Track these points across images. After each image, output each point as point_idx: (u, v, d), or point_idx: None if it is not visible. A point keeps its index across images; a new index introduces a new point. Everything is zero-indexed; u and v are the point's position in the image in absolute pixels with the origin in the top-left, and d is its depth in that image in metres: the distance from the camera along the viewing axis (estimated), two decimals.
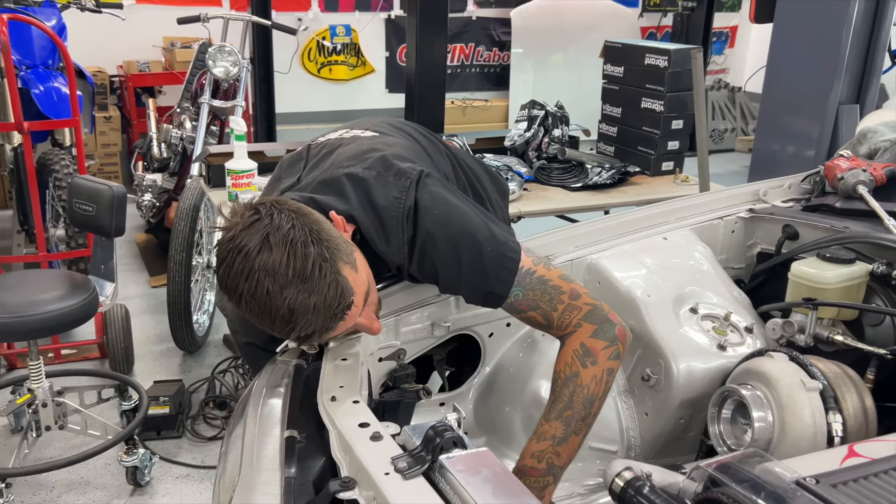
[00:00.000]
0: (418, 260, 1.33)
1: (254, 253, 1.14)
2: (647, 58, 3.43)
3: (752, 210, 1.80)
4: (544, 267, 1.36)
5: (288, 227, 1.16)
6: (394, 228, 1.32)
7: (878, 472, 0.95)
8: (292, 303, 1.14)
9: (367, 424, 1.11)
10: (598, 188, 3.25)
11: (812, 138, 2.94)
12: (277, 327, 1.18)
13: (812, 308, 1.40)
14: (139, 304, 3.92)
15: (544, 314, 1.33)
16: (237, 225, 1.17)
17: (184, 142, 4.11)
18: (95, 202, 2.52)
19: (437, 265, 1.32)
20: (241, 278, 1.15)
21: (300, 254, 1.15)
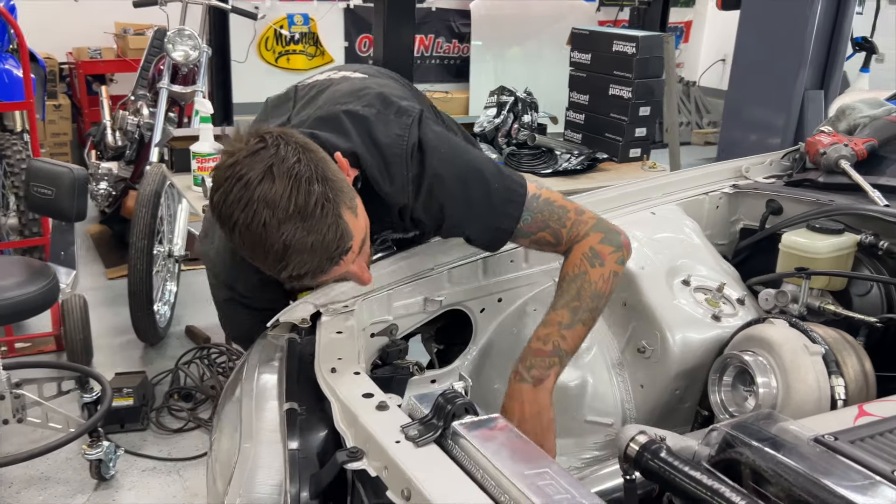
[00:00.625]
0: (424, 201, 1.30)
1: (255, 182, 1.08)
2: (614, 45, 3.45)
3: (735, 186, 1.81)
4: (548, 191, 1.38)
5: (294, 161, 1.10)
6: (398, 167, 1.28)
7: (893, 429, 0.95)
8: (289, 239, 1.09)
9: (370, 395, 1.07)
10: (567, 174, 3.26)
11: (778, 126, 2.99)
12: (269, 263, 1.13)
13: (805, 277, 1.41)
14: (96, 296, 3.78)
15: (554, 233, 1.35)
16: (240, 151, 1.11)
17: (141, 129, 3.99)
18: (55, 185, 2.42)
19: (445, 205, 1.30)
20: (238, 207, 1.09)
21: (304, 190, 1.09)
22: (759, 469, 0.89)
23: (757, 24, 2.97)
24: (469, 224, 1.34)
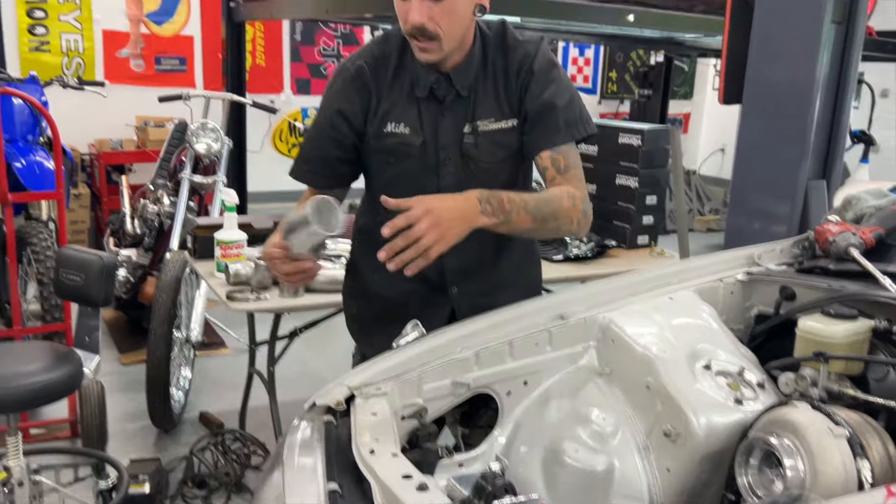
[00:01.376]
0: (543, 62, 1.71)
1: None
2: (620, 137, 3.59)
3: (749, 273, 1.87)
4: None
5: None
6: (533, 39, 1.75)
7: None
8: None
9: (410, 476, 1.10)
10: (578, 261, 3.33)
11: (783, 214, 3.06)
12: None
13: (823, 361, 1.45)
14: (111, 381, 3.79)
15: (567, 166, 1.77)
16: None
17: (161, 217, 4.10)
18: (84, 272, 2.49)
19: (555, 81, 1.71)
20: None
21: None
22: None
23: (758, 117, 3.09)
24: (544, 105, 1.70)
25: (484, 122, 1.72)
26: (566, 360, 1.64)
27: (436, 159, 1.74)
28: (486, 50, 1.72)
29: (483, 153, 1.74)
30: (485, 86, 1.71)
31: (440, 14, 1.56)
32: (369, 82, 1.70)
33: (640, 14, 4.62)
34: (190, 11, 5.93)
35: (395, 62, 1.71)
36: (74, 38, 5.55)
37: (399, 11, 1.61)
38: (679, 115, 8.69)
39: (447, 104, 1.73)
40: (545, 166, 1.76)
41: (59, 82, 3.88)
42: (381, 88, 1.71)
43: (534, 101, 1.72)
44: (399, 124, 1.71)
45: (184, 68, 6.00)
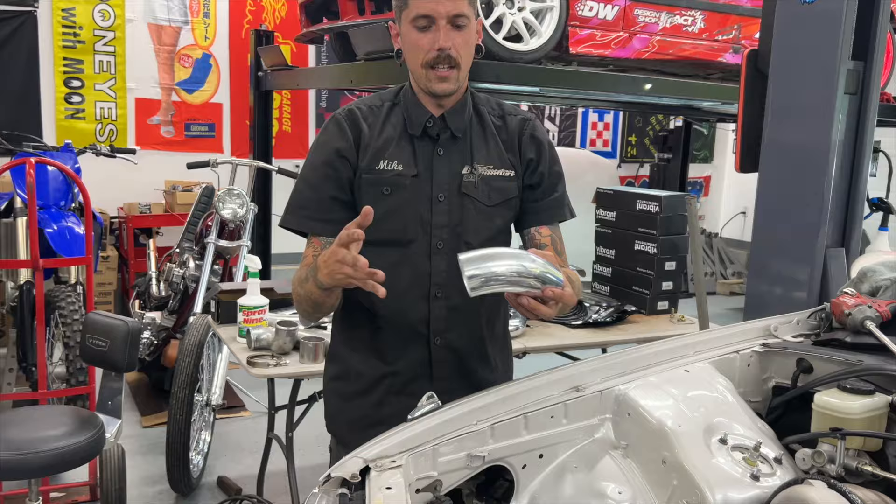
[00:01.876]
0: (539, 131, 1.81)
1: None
2: (638, 203, 3.63)
3: (765, 344, 1.87)
4: None
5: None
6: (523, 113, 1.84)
7: None
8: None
9: None
10: (597, 326, 3.33)
11: (803, 281, 3.06)
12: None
13: (840, 438, 1.44)
14: (131, 444, 3.82)
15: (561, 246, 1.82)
16: None
17: (186, 280, 4.18)
18: (110, 337, 2.54)
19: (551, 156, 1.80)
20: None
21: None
22: None
23: (775, 184, 3.13)
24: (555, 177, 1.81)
25: (483, 167, 1.76)
26: (582, 433, 1.64)
27: (430, 194, 1.74)
28: (477, 104, 1.79)
29: (481, 194, 1.76)
30: (481, 135, 1.77)
31: (460, 43, 1.64)
32: (360, 121, 1.73)
33: (657, 82, 4.72)
34: (220, 80, 6.14)
35: (388, 106, 1.76)
36: (108, 106, 5.76)
37: (420, 43, 1.65)
38: (699, 178, 8.74)
39: (441, 143, 1.74)
40: (544, 243, 1.80)
41: (92, 150, 4.02)
42: (373, 128, 1.74)
43: (547, 168, 1.80)
44: (392, 162, 1.72)
45: (212, 134, 6.18)
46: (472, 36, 1.67)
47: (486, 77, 4.08)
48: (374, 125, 1.75)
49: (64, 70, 5.58)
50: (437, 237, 1.74)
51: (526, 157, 1.79)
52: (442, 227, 1.74)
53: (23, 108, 5.47)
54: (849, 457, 1.48)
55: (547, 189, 1.81)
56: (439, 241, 1.75)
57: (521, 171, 1.80)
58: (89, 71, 5.66)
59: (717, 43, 5.09)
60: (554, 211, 1.82)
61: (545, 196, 1.81)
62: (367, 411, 1.82)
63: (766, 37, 3.18)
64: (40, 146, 3.77)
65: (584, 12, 4.48)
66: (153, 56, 5.87)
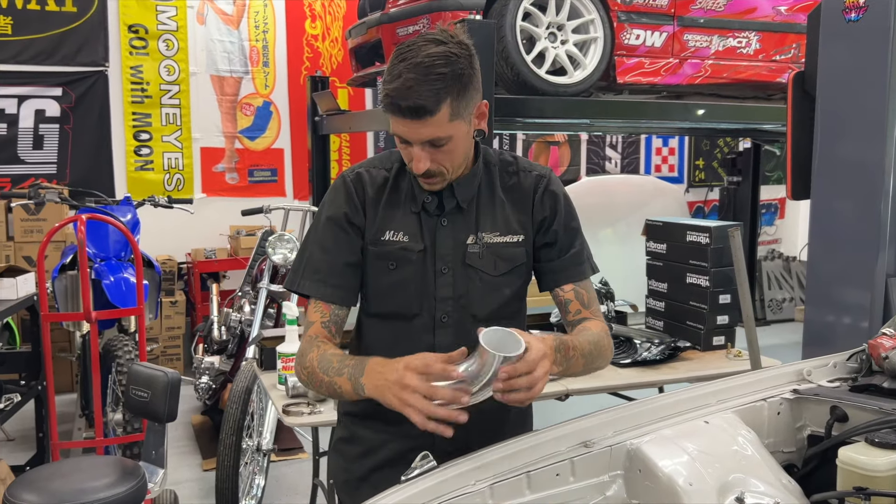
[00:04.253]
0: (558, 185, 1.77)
1: (436, 41, 1.51)
2: (688, 235, 3.51)
3: (796, 391, 1.76)
4: None
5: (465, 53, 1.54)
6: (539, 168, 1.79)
7: None
8: (439, 58, 1.48)
9: None
10: (647, 364, 3.22)
11: (864, 309, 2.89)
12: (410, 73, 1.48)
13: (865, 498, 1.33)
14: (190, 488, 3.91)
15: (590, 297, 1.77)
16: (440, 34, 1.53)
17: (242, 325, 4.27)
18: (151, 388, 2.61)
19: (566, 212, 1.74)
20: (416, 44, 1.51)
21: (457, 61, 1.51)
22: None
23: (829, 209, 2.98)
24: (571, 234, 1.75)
25: (489, 235, 1.71)
26: (593, 491, 1.57)
27: (434, 268, 1.69)
28: (489, 164, 1.73)
29: (487, 264, 1.70)
30: (489, 199, 1.71)
31: (443, 156, 1.57)
32: (367, 187, 1.69)
33: (711, 107, 4.59)
34: (280, 126, 6.32)
35: (396, 169, 1.70)
36: (175, 157, 6.00)
37: (402, 153, 1.62)
38: (773, 200, 8.41)
39: (446, 214, 1.69)
40: (568, 299, 1.75)
41: (150, 202, 4.19)
42: (379, 194, 1.69)
43: (562, 225, 1.74)
44: (398, 233, 1.68)
45: (275, 179, 6.35)
46: (458, 144, 1.58)
47: (530, 112, 4.07)
48: (382, 191, 1.69)
49: (133, 124, 5.86)
50: (442, 310, 1.69)
51: (539, 217, 1.73)
52: (446, 300, 1.69)
53: (96, 163, 5.76)
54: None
55: (563, 247, 1.74)
56: (444, 314, 1.69)
57: (533, 232, 1.74)
58: (157, 124, 5.92)
59: (775, 63, 4.91)
60: (572, 270, 1.75)
61: (562, 255, 1.74)
62: (365, 473, 1.79)
63: (812, 58, 3.05)
64: (101, 200, 3.95)
65: (631, 41, 4.41)
66: (216, 106, 6.10)
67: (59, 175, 5.65)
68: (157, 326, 5.59)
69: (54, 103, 5.63)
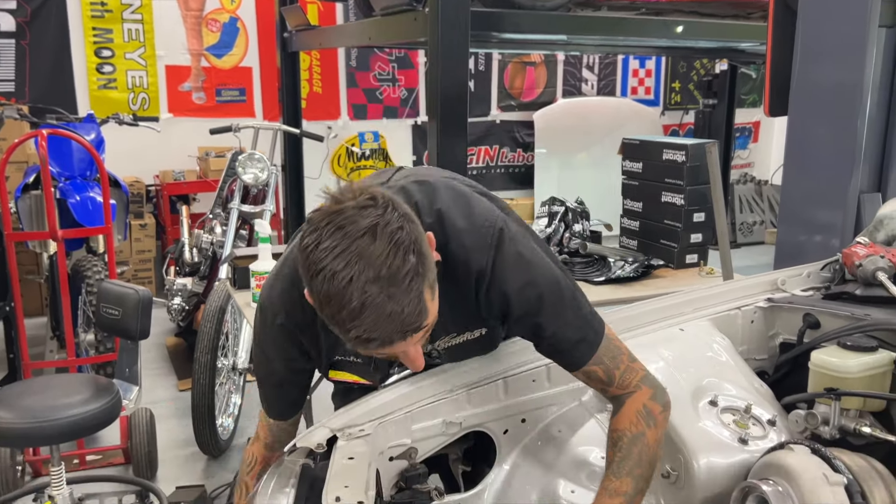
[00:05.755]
0: (503, 272, 1.30)
1: (355, 236, 1.08)
2: (664, 153, 3.48)
3: (770, 299, 1.77)
4: (607, 326, 1.41)
5: (397, 227, 1.11)
6: (482, 228, 1.31)
7: None
8: (369, 301, 1.08)
9: None
10: (621, 282, 3.24)
11: (835, 227, 2.90)
12: (340, 319, 1.11)
13: (835, 398, 1.36)
14: (167, 408, 3.92)
15: (607, 371, 1.37)
16: (348, 201, 1.12)
17: (214, 246, 4.22)
18: (122, 306, 2.57)
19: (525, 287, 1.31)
20: (331, 255, 1.08)
21: (400, 257, 1.10)
22: None
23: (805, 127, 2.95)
24: (550, 317, 1.33)
25: (445, 340, 1.47)
26: (567, 397, 1.58)
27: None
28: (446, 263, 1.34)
29: (455, 358, 1.51)
30: (442, 299, 1.24)
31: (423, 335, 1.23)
32: (298, 335, 1.42)
33: (690, 25, 4.50)
34: (248, 43, 6.11)
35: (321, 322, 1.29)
36: (139, 75, 5.80)
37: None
38: (748, 123, 8.40)
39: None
40: (584, 380, 1.43)
41: (115, 120, 4.05)
42: (314, 338, 1.43)
43: (520, 323, 1.37)
44: (349, 355, 1.47)
45: (243, 99, 6.18)
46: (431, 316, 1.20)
47: (507, 27, 3.96)
48: (314, 336, 1.42)
49: (94, 41, 5.63)
50: None
51: (493, 312, 1.39)
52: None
53: (56, 81, 5.55)
54: (847, 417, 1.39)
55: (539, 340, 1.39)
56: None
57: (497, 321, 1.43)
58: (119, 40, 5.69)
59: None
60: (559, 359, 1.40)
61: (541, 346, 1.41)
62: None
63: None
64: (63, 117, 3.81)
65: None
66: (180, 22, 5.87)
67: (17, 94, 5.44)
68: (127, 250, 5.51)
69: (9, 17, 5.38)
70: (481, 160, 7.21)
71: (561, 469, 1.50)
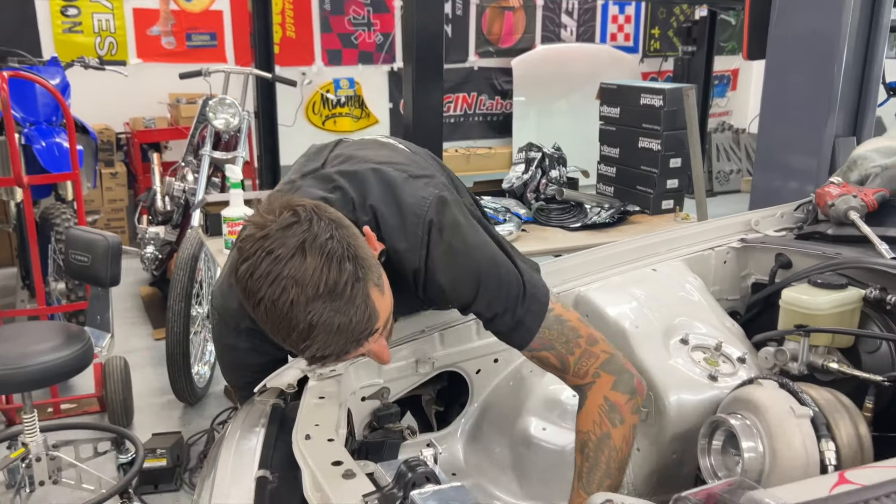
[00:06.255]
0: (437, 268, 1.25)
1: (286, 258, 1.05)
2: (642, 98, 3.45)
3: (743, 240, 1.77)
4: (562, 307, 1.31)
5: (326, 237, 1.08)
6: (413, 226, 1.25)
7: (869, 500, 0.91)
8: (315, 319, 1.06)
9: (340, 462, 1.07)
10: (597, 228, 3.24)
11: (810, 172, 2.91)
12: (292, 341, 1.09)
13: (804, 335, 1.36)
14: (142, 356, 3.90)
15: (560, 357, 1.28)
16: (271, 223, 1.08)
17: (186, 194, 4.15)
18: (91, 252, 2.52)
19: (459, 279, 1.26)
20: (266, 282, 1.05)
21: (335, 268, 1.06)
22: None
23: (782, 71, 2.94)
24: (485, 305, 1.27)
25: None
26: None
27: None
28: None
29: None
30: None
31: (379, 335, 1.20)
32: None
33: None
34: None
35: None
36: (106, 18, 5.61)
37: None
38: (727, 71, 8.35)
39: None
40: (541, 367, 1.36)
41: (80, 63, 3.93)
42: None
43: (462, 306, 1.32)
44: None
45: (214, 43, 6.02)
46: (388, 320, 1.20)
47: None
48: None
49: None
50: None
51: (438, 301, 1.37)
52: None
53: (18, 24, 5.35)
54: (816, 354, 1.41)
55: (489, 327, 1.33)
56: None
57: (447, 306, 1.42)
58: None
59: None
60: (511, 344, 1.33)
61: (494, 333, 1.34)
62: None
63: None
64: (25, 61, 3.69)
65: None
66: None
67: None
68: (99, 199, 5.42)
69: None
70: (459, 108, 7.13)
71: (532, 408, 1.51)
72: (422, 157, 1.49)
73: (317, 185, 1.32)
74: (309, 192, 1.30)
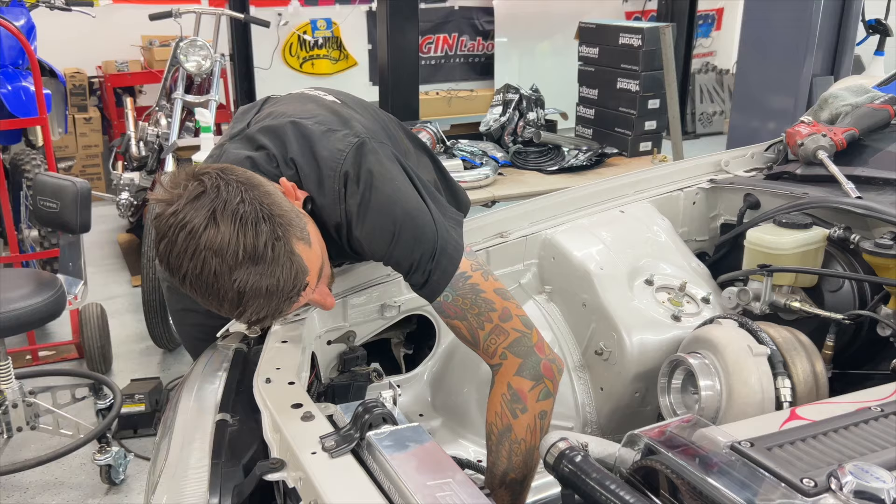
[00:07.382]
0: (356, 222, 1.22)
1: (199, 230, 1.03)
2: (621, 37, 3.41)
3: (712, 180, 1.77)
4: (482, 275, 1.25)
5: (237, 202, 1.05)
6: (330, 181, 1.21)
7: (817, 434, 0.92)
8: (242, 285, 1.05)
9: (300, 405, 1.08)
10: (574, 171, 3.23)
11: (787, 112, 2.90)
12: (226, 310, 1.09)
13: (767, 274, 1.37)
14: (121, 303, 3.89)
15: (470, 329, 1.23)
16: (179, 197, 1.05)
17: (160, 139, 4.08)
18: (59, 198, 2.48)
19: (375, 233, 1.22)
20: (186, 257, 1.04)
21: (251, 232, 1.04)
22: (669, 477, 0.87)
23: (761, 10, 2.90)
24: (398, 259, 1.23)
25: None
26: (507, 280, 1.58)
27: None
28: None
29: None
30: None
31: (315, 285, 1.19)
32: None
33: None
34: None
35: None
36: None
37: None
38: (711, 10, 8.22)
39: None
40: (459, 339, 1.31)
41: (45, 4, 3.81)
42: None
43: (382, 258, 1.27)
44: None
45: None
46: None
47: None
48: None
49: None
50: None
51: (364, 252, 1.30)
52: None
53: None
54: (779, 293, 1.42)
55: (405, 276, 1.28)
56: None
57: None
58: None
59: None
60: (424, 296, 1.27)
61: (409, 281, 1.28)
62: None
63: None
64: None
65: None
66: None
67: None
68: (73, 145, 5.32)
69: None
70: (439, 49, 7.00)
71: None
72: (352, 107, 1.42)
73: (242, 146, 1.30)
74: (234, 153, 1.28)
